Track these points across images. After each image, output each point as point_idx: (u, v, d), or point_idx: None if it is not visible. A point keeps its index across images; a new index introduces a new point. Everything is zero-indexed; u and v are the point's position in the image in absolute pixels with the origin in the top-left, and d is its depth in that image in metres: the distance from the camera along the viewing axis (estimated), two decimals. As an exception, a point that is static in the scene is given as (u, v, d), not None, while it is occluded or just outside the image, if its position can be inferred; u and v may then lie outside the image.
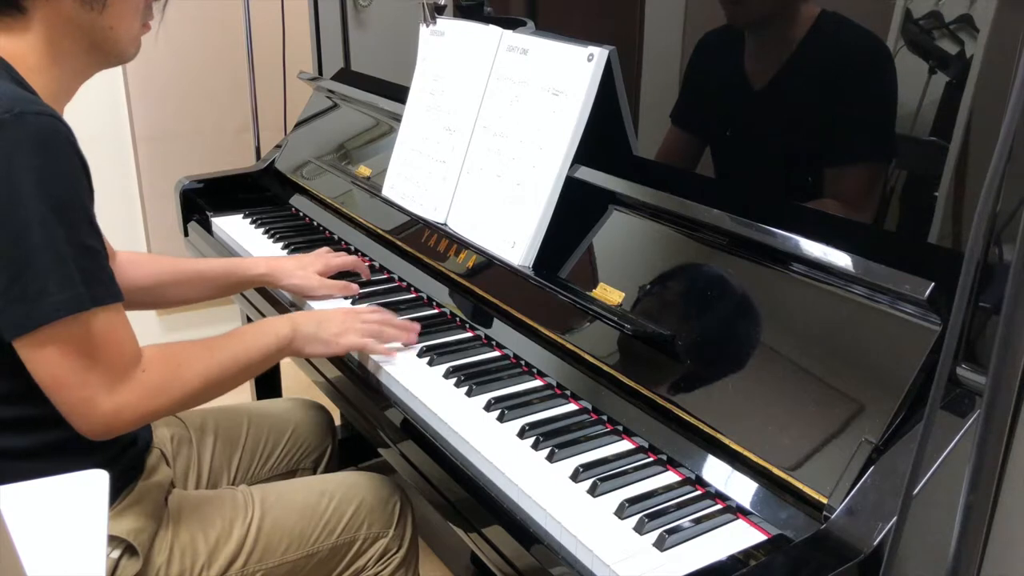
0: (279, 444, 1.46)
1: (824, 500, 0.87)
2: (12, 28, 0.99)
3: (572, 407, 1.15)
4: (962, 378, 0.88)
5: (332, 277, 1.52)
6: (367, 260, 1.64)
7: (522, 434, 1.07)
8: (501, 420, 1.11)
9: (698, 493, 0.97)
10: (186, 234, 1.96)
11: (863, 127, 1.01)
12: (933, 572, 0.87)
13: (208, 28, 2.58)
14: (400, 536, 1.29)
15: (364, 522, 1.26)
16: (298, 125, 2.08)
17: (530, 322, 1.25)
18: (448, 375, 1.21)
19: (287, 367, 1.43)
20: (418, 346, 1.29)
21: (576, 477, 0.99)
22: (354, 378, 1.27)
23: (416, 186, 1.54)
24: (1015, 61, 0.84)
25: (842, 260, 0.95)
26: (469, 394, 1.17)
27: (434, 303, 1.46)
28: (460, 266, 1.41)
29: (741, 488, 0.95)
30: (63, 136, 0.93)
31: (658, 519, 0.91)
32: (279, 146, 2.10)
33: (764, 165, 1.13)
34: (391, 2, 1.85)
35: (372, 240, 1.66)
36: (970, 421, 0.85)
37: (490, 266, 1.36)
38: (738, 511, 0.94)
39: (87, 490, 0.82)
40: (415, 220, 1.54)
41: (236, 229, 1.84)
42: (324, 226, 1.81)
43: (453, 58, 1.52)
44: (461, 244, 1.42)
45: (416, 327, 1.31)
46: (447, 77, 1.52)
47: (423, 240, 1.50)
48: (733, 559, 0.86)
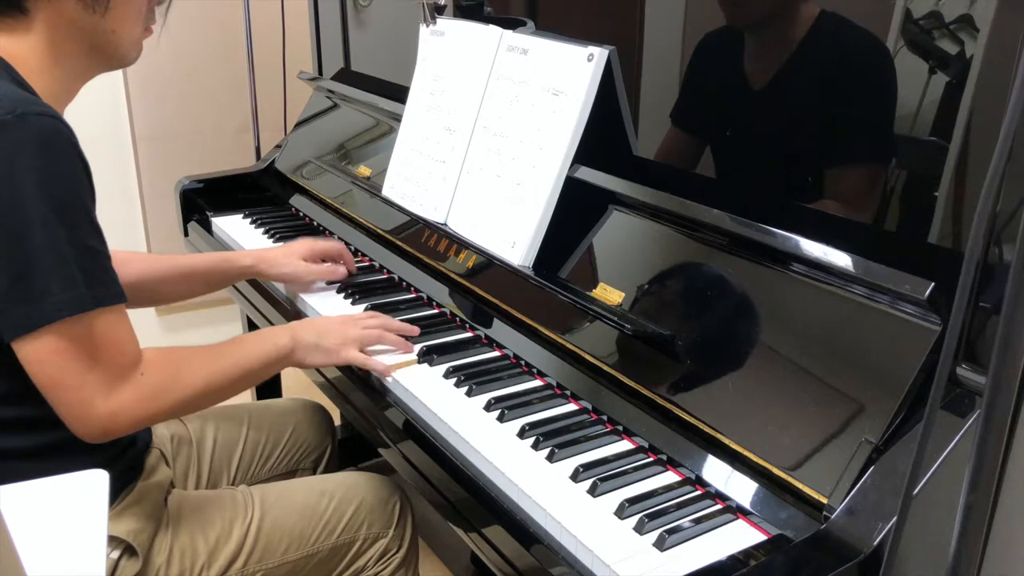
0: (279, 444, 1.46)
1: (824, 500, 0.87)
2: (14, 29, 0.99)
3: (572, 407, 1.15)
4: (962, 378, 0.88)
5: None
6: (367, 260, 1.64)
7: (522, 434, 1.07)
8: (501, 420, 1.11)
9: (698, 493, 0.97)
10: (186, 234, 1.96)
11: (863, 127, 1.01)
12: (933, 572, 0.87)
13: (208, 28, 2.57)
14: (400, 536, 1.29)
15: (364, 522, 1.26)
16: (298, 125, 2.08)
17: (530, 322, 1.25)
18: (448, 375, 1.21)
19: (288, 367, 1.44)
20: (418, 346, 1.29)
21: (576, 477, 0.99)
22: (354, 378, 1.27)
23: (416, 186, 1.54)
24: (1015, 61, 0.84)
25: (842, 260, 0.95)
26: (469, 394, 1.17)
27: (434, 303, 1.46)
28: (460, 266, 1.41)
29: (741, 488, 0.95)
30: (65, 137, 0.93)
31: (658, 519, 0.91)
32: (279, 146, 2.10)
33: (764, 165, 1.13)
34: (391, 2, 1.85)
35: (372, 240, 1.66)
36: (970, 421, 0.85)
37: (490, 266, 1.36)
38: (738, 511, 0.94)
39: (87, 490, 0.82)
40: (415, 220, 1.54)
41: (236, 229, 1.84)
42: (324, 226, 1.81)
43: (453, 58, 1.52)
44: (461, 244, 1.42)
45: (415, 330, 1.31)
46: (447, 77, 1.52)
47: (423, 240, 1.50)
48: (733, 559, 0.86)
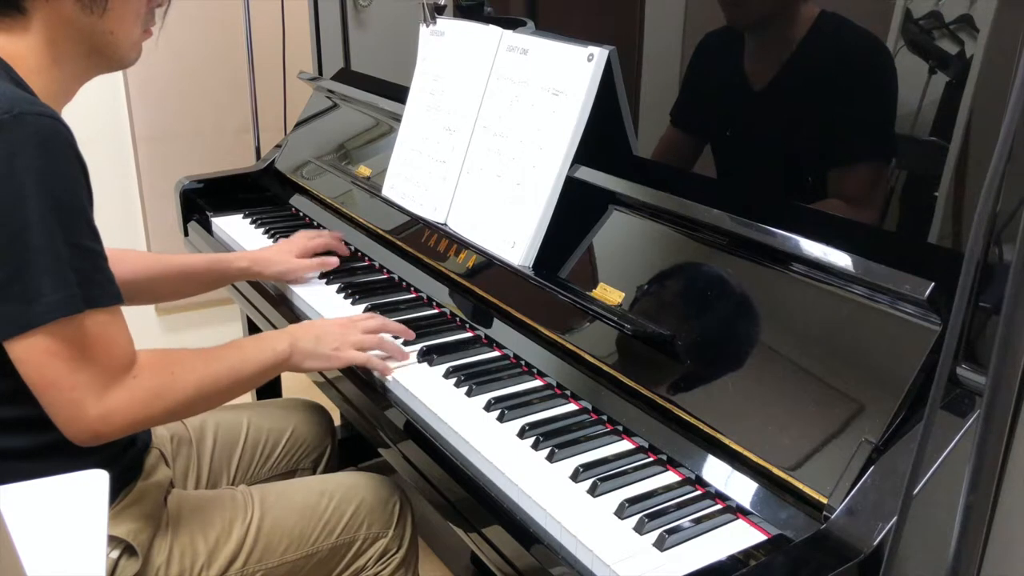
0: (279, 444, 1.46)
1: (824, 500, 0.87)
2: (12, 29, 0.99)
3: (572, 407, 1.15)
4: (962, 378, 0.88)
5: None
6: (367, 260, 1.64)
7: (522, 434, 1.07)
8: (501, 420, 1.11)
9: (698, 493, 0.97)
10: (186, 234, 1.96)
11: (863, 127, 1.01)
12: (933, 572, 0.87)
13: (208, 28, 2.57)
14: (400, 536, 1.29)
15: (364, 522, 1.26)
16: (298, 125, 2.08)
17: (530, 322, 1.25)
18: (448, 375, 1.21)
19: (287, 367, 1.44)
20: (418, 346, 1.29)
21: (576, 477, 0.99)
22: (354, 378, 1.27)
23: (416, 186, 1.54)
24: (1015, 61, 0.84)
25: (842, 260, 0.95)
26: (469, 394, 1.17)
27: (434, 303, 1.46)
28: (460, 266, 1.41)
29: (741, 488, 0.94)
30: (63, 137, 0.93)
31: (658, 519, 0.91)
32: (279, 146, 2.10)
33: (764, 165, 1.13)
34: (391, 2, 1.85)
35: (372, 240, 1.66)
36: (970, 421, 0.85)
37: (490, 266, 1.36)
38: (738, 511, 0.94)
39: (87, 490, 0.82)
40: (415, 220, 1.54)
41: (236, 229, 1.84)
42: (324, 226, 1.81)
43: (453, 58, 1.52)
44: (461, 244, 1.42)
45: (411, 333, 1.31)
46: (447, 77, 1.52)
47: (423, 240, 1.50)
48: (733, 559, 0.86)
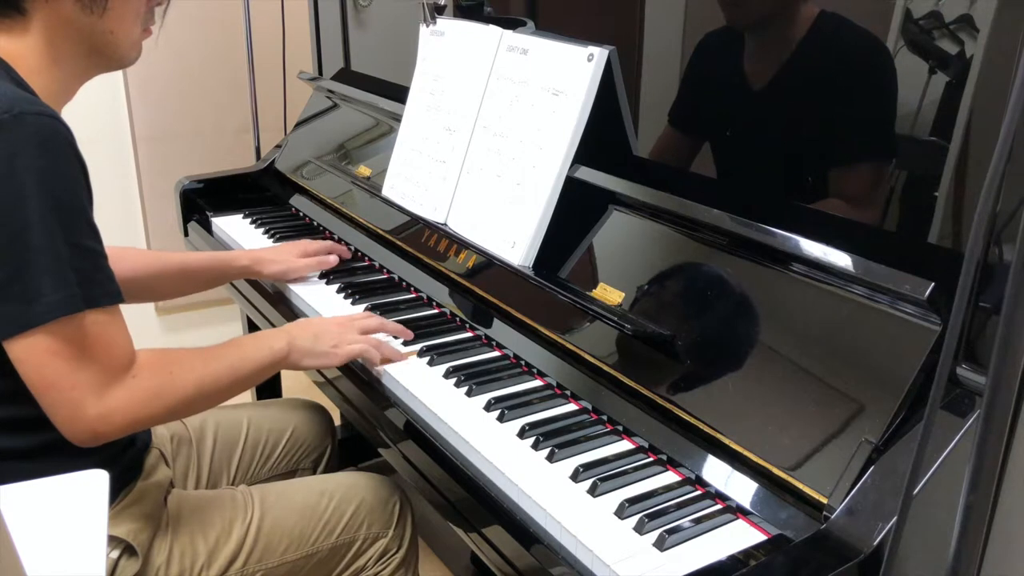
0: (279, 444, 1.46)
1: (824, 500, 0.87)
2: (12, 29, 0.99)
3: (572, 407, 1.15)
4: (962, 378, 0.88)
5: None
6: (367, 260, 1.64)
7: (522, 434, 1.07)
8: (501, 420, 1.11)
9: (698, 493, 0.97)
10: (186, 234, 1.96)
11: (863, 127, 1.01)
12: (933, 572, 0.87)
13: (208, 28, 2.57)
14: (400, 536, 1.29)
15: (364, 522, 1.26)
16: (298, 125, 2.08)
17: (530, 322, 1.25)
18: (448, 375, 1.21)
19: (287, 367, 1.44)
20: (418, 346, 1.29)
21: (576, 477, 0.99)
22: (354, 378, 1.27)
23: (416, 186, 1.54)
24: (1015, 61, 0.84)
25: (842, 260, 0.95)
26: (469, 394, 1.17)
27: (434, 303, 1.46)
28: (460, 266, 1.41)
29: (741, 488, 0.94)
30: (63, 136, 0.93)
31: (658, 519, 0.91)
32: (279, 146, 2.10)
33: (764, 165, 1.13)
34: (391, 2, 1.85)
35: (372, 240, 1.66)
36: (970, 421, 0.85)
37: (490, 266, 1.36)
38: (738, 511, 0.94)
39: (87, 490, 0.82)
40: (415, 220, 1.54)
41: (236, 229, 1.84)
42: (324, 226, 1.81)
43: (453, 58, 1.52)
44: (461, 244, 1.42)
45: (409, 334, 1.31)
46: (447, 77, 1.52)
47: (423, 240, 1.50)
48: (733, 559, 0.86)
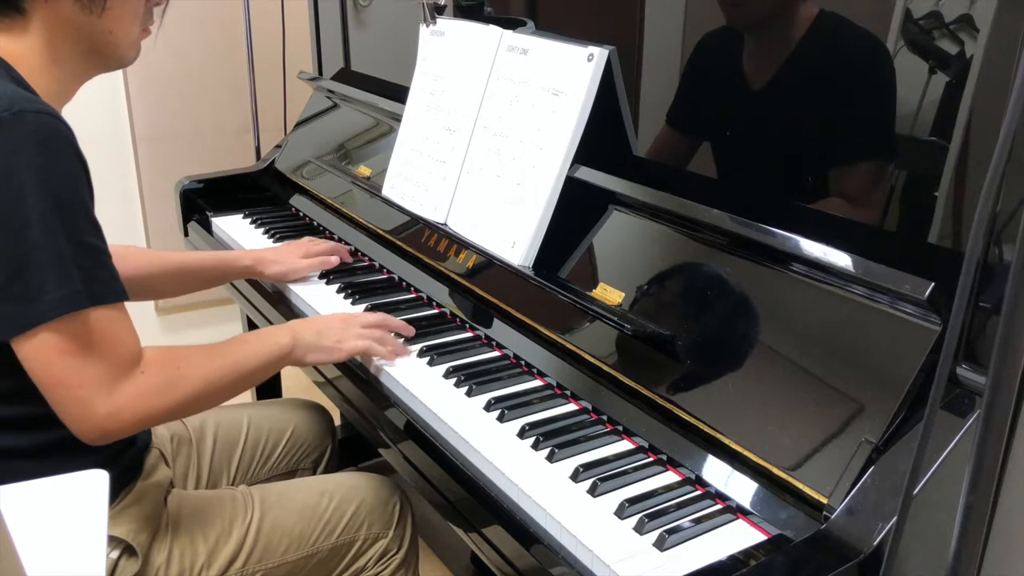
0: (279, 444, 1.46)
1: (824, 500, 0.87)
2: (11, 29, 0.99)
3: (572, 407, 1.15)
4: (962, 378, 0.88)
5: None
6: (367, 260, 1.64)
7: (522, 434, 1.07)
8: (501, 420, 1.11)
9: (698, 493, 0.97)
10: (186, 234, 1.96)
11: (863, 127, 1.01)
12: (933, 572, 0.87)
13: (208, 28, 2.57)
14: (400, 536, 1.29)
15: (364, 522, 1.26)
16: (298, 125, 2.08)
17: (530, 322, 1.25)
18: (448, 375, 1.21)
19: (287, 367, 1.44)
20: (418, 346, 1.29)
21: (576, 477, 0.99)
22: (354, 378, 1.27)
23: (416, 186, 1.54)
24: (1015, 61, 0.84)
25: (842, 260, 0.95)
26: (469, 394, 1.17)
27: (434, 303, 1.46)
28: (460, 266, 1.41)
29: (741, 488, 0.94)
30: (63, 135, 0.93)
31: (658, 519, 0.91)
32: (279, 146, 2.10)
33: (764, 165, 1.13)
34: (391, 2, 1.85)
35: (372, 240, 1.66)
36: (970, 421, 0.85)
37: (490, 266, 1.36)
38: (738, 511, 0.94)
39: (87, 490, 0.82)
40: (415, 220, 1.54)
41: (236, 229, 1.84)
42: (324, 226, 1.81)
43: (453, 58, 1.52)
44: (461, 244, 1.42)
45: (411, 330, 1.32)
46: (447, 77, 1.52)
47: (423, 240, 1.50)
48: (733, 559, 0.86)
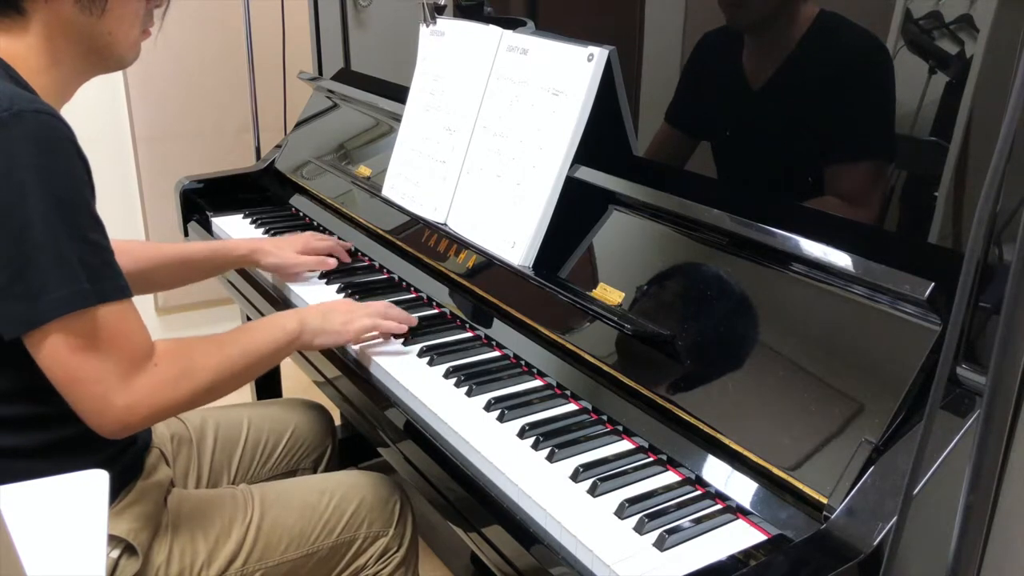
0: (279, 444, 1.46)
1: (824, 500, 0.87)
2: (11, 29, 0.99)
3: (572, 407, 1.15)
4: (962, 378, 0.88)
5: None
6: (367, 260, 1.64)
7: (522, 434, 1.07)
8: (501, 420, 1.11)
9: (698, 493, 0.97)
10: (186, 234, 1.96)
11: (863, 127, 1.01)
12: (933, 572, 0.87)
13: (208, 28, 2.58)
14: (400, 535, 1.29)
15: (364, 521, 1.26)
16: (298, 125, 2.08)
17: (530, 322, 1.25)
18: (448, 375, 1.21)
19: (287, 367, 1.44)
20: (418, 346, 1.29)
21: (576, 477, 0.99)
22: (354, 378, 1.27)
23: (416, 186, 1.54)
24: (1015, 61, 0.84)
25: (842, 260, 0.95)
26: (469, 394, 1.17)
27: (434, 303, 1.46)
28: (460, 266, 1.41)
29: (741, 488, 0.95)
30: (63, 133, 0.93)
31: (658, 519, 0.91)
32: (279, 146, 2.10)
33: (764, 165, 1.13)
34: (391, 2, 1.85)
35: (372, 240, 1.66)
36: (970, 421, 0.85)
37: (490, 266, 1.36)
38: (738, 511, 0.94)
39: (87, 490, 0.82)
40: (415, 220, 1.54)
41: (236, 229, 1.84)
42: (324, 226, 1.81)
43: (453, 58, 1.52)
44: (461, 244, 1.42)
45: (414, 320, 1.33)
46: (447, 77, 1.52)
47: (423, 240, 1.50)
48: (733, 559, 0.86)
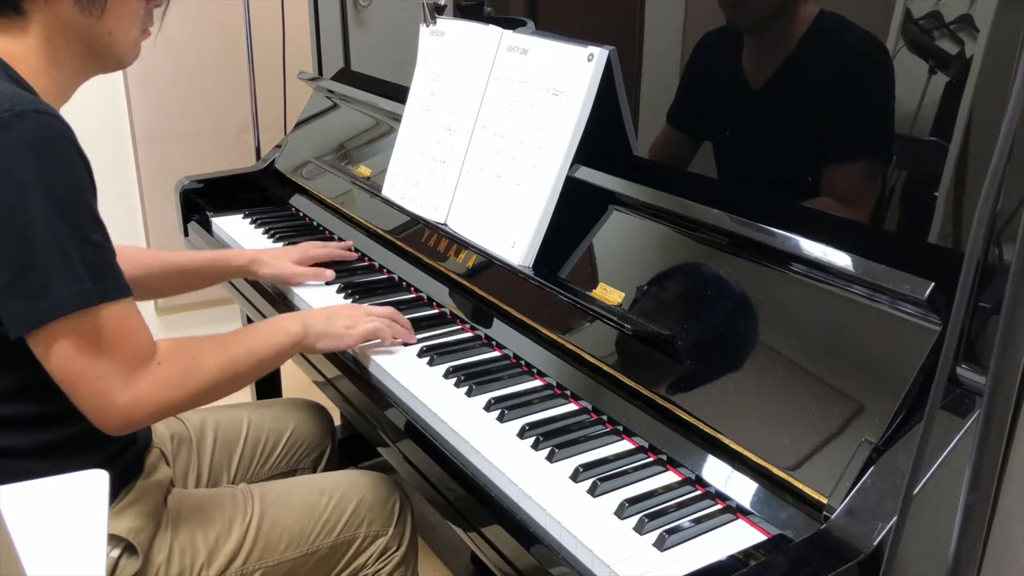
0: (279, 444, 1.46)
1: (824, 500, 0.87)
2: (10, 29, 0.99)
3: (572, 407, 1.15)
4: (962, 378, 0.88)
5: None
6: (367, 260, 1.64)
7: (522, 434, 1.07)
8: (501, 420, 1.11)
9: (698, 493, 0.97)
10: (186, 234, 1.96)
11: (863, 127, 1.01)
12: (933, 572, 0.87)
13: (208, 28, 2.58)
14: (400, 535, 1.29)
15: (364, 520, 1.26)
16: (298, 125, 2.08)
17: (530, 322, 1.25)
18: (448, 375, 1.21)
19: (287, 367, 1.43)
20: (418, 346, 1.29)
21: (576, 477, 0.99)
22: (354, 378, 1.27)
23: (416, 186, 1.54)
24: (1015, 61, 0.84)
25: (842, 260, 0.95)
26: (469, 394, 1.17)
27: (434, 303, 1.46)
28: (460, 266, 1.41)
29: (741, 488, 0.95)
30: (63, 133, 0.93)
31: (658, 519, 0.91)
32: (279, 146, 2.10)
33: (764, 165, 1.13)
34: (391, 2, 1.85)
35: (372, 240, 1.66)
36: (970, 421, 0.85)
37: (490, 266, 1.36)
38: (738, 511, 0.94)
39: (87, 490, 0.82)
40: (415, 220, 1.54)
41: (236, 229, 1.84)
42: (324, 226, 1.81)
43: (453, 58, 1.52)
44: (461, 244, 1.42)
45: (412, 337, 1.32)
46: (447, 77, 1.52)
47: (423, 240, 1.50)
48: (733, 559, 0.86)
